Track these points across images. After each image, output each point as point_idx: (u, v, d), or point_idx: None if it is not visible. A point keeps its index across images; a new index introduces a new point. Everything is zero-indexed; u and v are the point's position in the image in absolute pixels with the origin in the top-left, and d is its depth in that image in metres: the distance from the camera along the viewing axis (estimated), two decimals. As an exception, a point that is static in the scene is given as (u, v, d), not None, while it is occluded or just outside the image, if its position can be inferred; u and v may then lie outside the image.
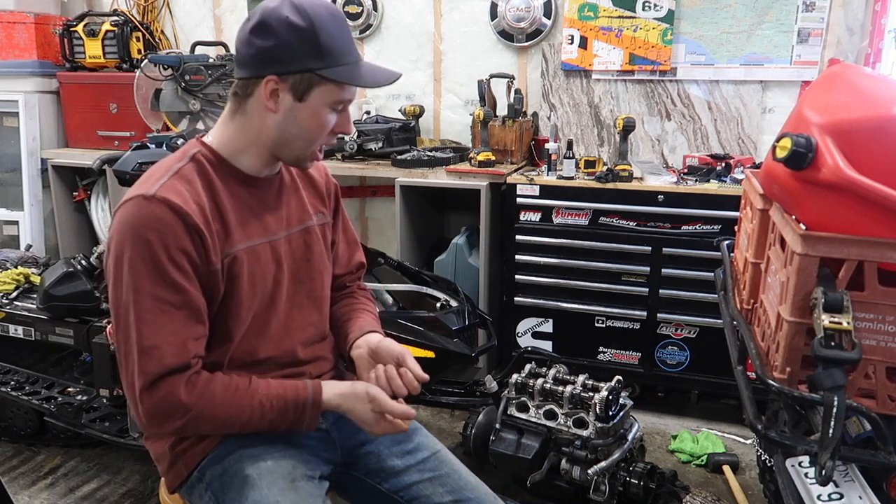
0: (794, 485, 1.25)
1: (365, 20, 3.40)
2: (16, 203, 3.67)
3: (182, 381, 1.11)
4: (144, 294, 1.09)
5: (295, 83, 1.15)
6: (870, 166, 1.03)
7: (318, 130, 1.19)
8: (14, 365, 2.49)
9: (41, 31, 3.56)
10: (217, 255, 1.16)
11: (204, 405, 1.12)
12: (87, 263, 2.24)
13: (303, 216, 1.33)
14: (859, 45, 2.77)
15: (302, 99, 1.16)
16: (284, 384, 1.20)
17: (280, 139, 1.19)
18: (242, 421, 1.15)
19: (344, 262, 1.48)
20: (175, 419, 1.11)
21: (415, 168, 2.95)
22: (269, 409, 1.16)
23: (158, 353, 1.09)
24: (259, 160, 1.23)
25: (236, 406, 1.15)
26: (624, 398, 2.07)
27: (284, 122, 1.17)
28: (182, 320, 1.12)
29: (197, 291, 1.14)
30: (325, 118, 1.19)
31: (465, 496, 1.28)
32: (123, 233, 1.10)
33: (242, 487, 1.16)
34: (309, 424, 1.20)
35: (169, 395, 1.10)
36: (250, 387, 1.17)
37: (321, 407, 1.20)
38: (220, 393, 1.14)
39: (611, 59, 3.05)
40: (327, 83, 1.15)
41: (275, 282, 1.26)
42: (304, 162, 1.25)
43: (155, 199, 1.10)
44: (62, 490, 2.25)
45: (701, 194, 2.55)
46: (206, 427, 1.16)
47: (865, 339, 1.06)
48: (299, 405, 1.18)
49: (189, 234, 1.11)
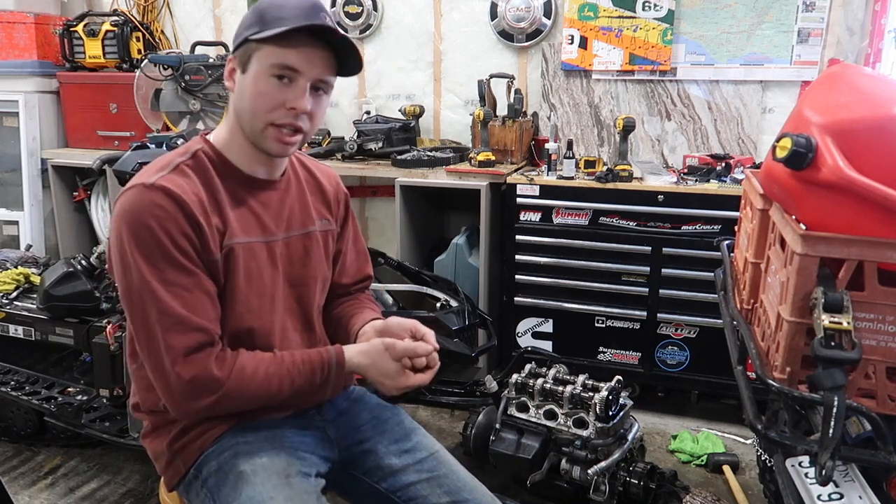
0: (794, 485, 1.25)
1: (365, 20, 3.40)
2: (16, 203, 3.67)
3: (212, 357, 1.13)
4: (157, 278, 1.10)
5: (240, 56, 1.17)
6: (870, 166, 1.03)
7: (260, 100, 1.15)
8: (14, 365, 2.49)
9: (41, 31, 3.56)
10: (216, 247, 1.17)
11: (236, 378, 1.14)
12: (87, 263, 2.25)
13: (305, 221, 1.33)
14: (859, 45, 2.77)
15: (245, 70, 1.17)
16: (307, 352, 1.24)
17: (238, 118, 1.20)
18: (272, 391, 1.18)
19: (352, 272, 1.48)
20: (208, 394, 1.12)
21: (415, 168, 2.95)
22: (298, 375, 1.19)
23: (184, 327, 1.11)
24: (246, 154, 1.23)
25: (266, 375, 1.17)
26: (624, 398, 2.07)
27: (237, 97, 1.19)
28: (195, 302, 1.13)
29: (204, 274, 1.15)
30: (266, 85, 1.15)
31: (463, 497, 1.28)
32: (125, 220, 1.11)
33: (237, 483, 1.17)
34: (335, 387, 1.25)
35: (202, 372, 1.11)
36: (276, 357, 1.20)
37: (345, 367, 1.23)
38: (250, 365, 1.16)
39: (611, 59, 3.05)
40: (262, 46, 1.14)
41: (271, 282, 1.27)
42: (264, 142, 1.19)
43: (155, 187, 1.11)
44: (62, 490, 2.25)
45: (701, 194, 2.55)
46: (238, 402, 1.17)
47: (865, 339, 1.05)
48: (325, 367, 1.21)
49: (188, 221, 1.12)
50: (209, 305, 1.15)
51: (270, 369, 1.17)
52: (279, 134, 1.18)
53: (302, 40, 1.14)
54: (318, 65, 1.17)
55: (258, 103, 1.16)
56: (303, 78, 1.16)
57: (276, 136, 1.18)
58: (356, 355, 1.24)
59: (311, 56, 1.15)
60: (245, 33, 1.16)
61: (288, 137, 1.19)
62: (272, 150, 1.21)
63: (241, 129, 1.21)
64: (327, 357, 1.22)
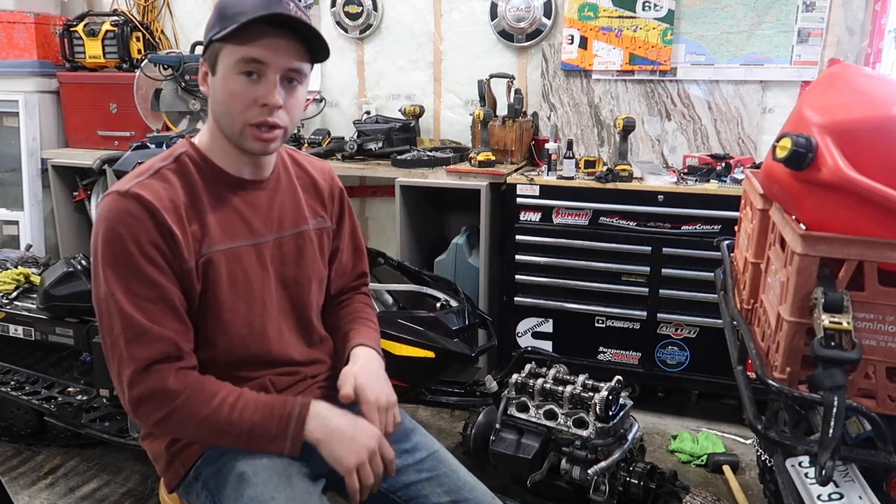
0: (794, 485, 1.25)
1: (365, 20, 3.40)
2: (16, 203, 3.67)
3: (173, 369, 1.11)
4: (121, 288, 1.10)
5: (209, 58, 1.17)
6: (870, 166, 1.03)
7: (232, 100, 1.14)
8: (14, 365, 2.49)
9: (41, 31, 3.57)
10: (191, 255, 1.15)
11: (191, 395, 1.11)
12: (87, 263, 2.24)
13: (298, 220, 1.32)
14: (859, 45, 2.77)
15: (214, 71, 1.16)
16: (274, 396, 1.19)
17: (216, 121, 1.20)
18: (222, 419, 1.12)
19: (347, 270, 1.47)
20: (160, 407, 1.10)
21: (415, 168, 2.95)
22: (254, 412, 1.13)
23: (147, 338, 1.10)
24: (229, 155, 1.22)
25: (221, 402, 1.12)
26: (624, 398, 2.07)
27: (212, 101, 1.19)
28: (159, 315, 1.11)
29: (172, 286, 1.14)
30: (236, 84, 1.13)
31: (463, 496, 1.28)
32: (99, 228, 1.12)
33: (238, 485, 1.16)
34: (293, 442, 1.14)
35: (157, 383, 1.10)
36: (240, 391, 1.16)
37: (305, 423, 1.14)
38: (210, 388, 1.13)
39: (611, 59, 3.04)
40: (225, 45, 1.13)
41: (261, 285, 1.25)
42: (244, 142, 1.17)
43: (128, 194, 1.12)
44: (62, 490, 2.25)
45: (701, 194, 2.55)
46: (189, 423, 1.12)
47: (865, 339, 1.05)
48: (284, 418, 1.14)
49: (159, 230, 1.12)
50: (172, 318, 1.13)
51: (229, 398, 1.13)
52: (257, 132, 1.15)
53: (264, 31, 1.10)
54: (283, 54, 1.13)
55: (231, 104, 1.14)
56: (270, 70, 1.13)
57: (255, 136, 1.16)
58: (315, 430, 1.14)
59: (274, 46, 1.12)
60: (209, 34, 1.14)
61: (266, 135, 1.16)
62: (254, 150, 1.19)
63: (220, 131, 1.20)
64: (290, 408, 1.14)
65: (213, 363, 1.21)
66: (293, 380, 1.32)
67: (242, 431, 1.13)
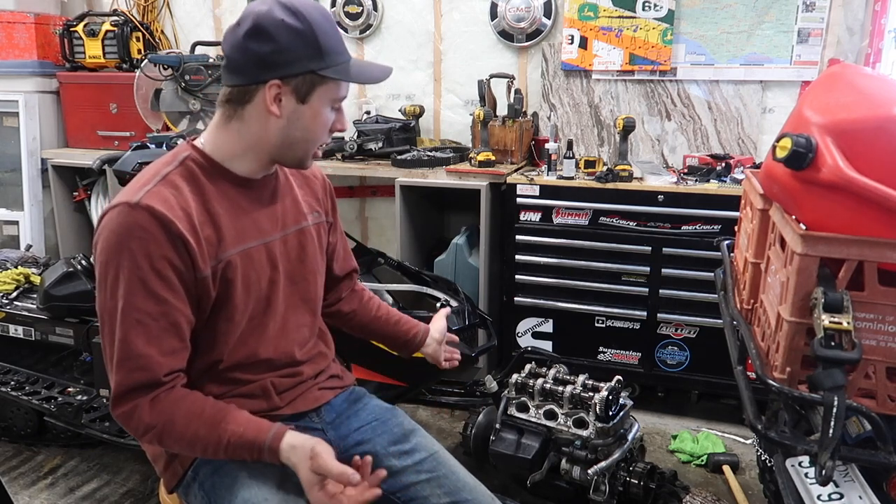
0: (794, 485, 1.25)
1: (365, 20, 3.40)
2: (16, 203, 3.67)
3: (147, 400, 1.10)
4: (125, 303, 1.08)
5: (297, 85, 1.14)
6: (870, 166, 1.03)
7: (321, 130, 1.20)
8: (14, 365, 2.49)
9: (41, 31, 3.57)
10: (206, 262, 1.14)
11: (164, 424, 1.11)
12: (87, 263, 2.24)
13: (298, 216, 1.33)
14: (859, 45, 2.77)
15: (305, 101, 1.16)
16: (252, 423, 1.14)
17: (283, 143, 1.19)
18: (201, 447, 1.13)
19: (342, 263, 1.50)
20: (138, 433, 1.13)
21: (415, 168, 2.95)
22: (227, 445, 1.12)
23: (130, 365, 1.09)
24: (257, 164, 1.22)
25: (194, 433, 1.11)
26: (624, 398, 2.07)
27: (288, 125, 1.17)
28: (158, 333, 1.10)
29: (179, 303, 1.12)
30: (327, 117, 1.20)
31: (463, 497, 1.28)
32: (108, 241, 1.09)
33: (233, 485, 1.17)
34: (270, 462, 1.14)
35: (132, 411, 1.10)
36: (217, 416, 1.13)
37: (279, 454, 1.11)
38: (182, 416, 1.11)
39: (611, 59, 3.04)
40: (328, 82, 1.16)
41: (270, 283, 1.26)
42: (306, 162, 1.25)
43: (139, 206, 1.09)
44: (62, 490, 2.25)
45: (701, 194, 2.55)
46: (171, 445, 1.15)
47: (865, 339, 1.05)
48: (256, 447, 1.12)
49: (172, 243, 1.10)
50: (171, 336, 1.12)
51: (201, 431, 1.11)
52: (317, 152, 1.25)
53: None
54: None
55: (320, 134, 1.21)
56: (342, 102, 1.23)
57: (315, 155, 1.25)
58: (287, 447, 1.11)
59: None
60: (307, 64, 1.13)
61: (319, 152, 1.26)
62: (306, 167, 1.29)
63: (265, 150, 1.20)
64: (262, 439, 1.12)
65: (216, 367, 1.22)
66: (294, 381, 1.32)
67: (220, 455, 1.14)
